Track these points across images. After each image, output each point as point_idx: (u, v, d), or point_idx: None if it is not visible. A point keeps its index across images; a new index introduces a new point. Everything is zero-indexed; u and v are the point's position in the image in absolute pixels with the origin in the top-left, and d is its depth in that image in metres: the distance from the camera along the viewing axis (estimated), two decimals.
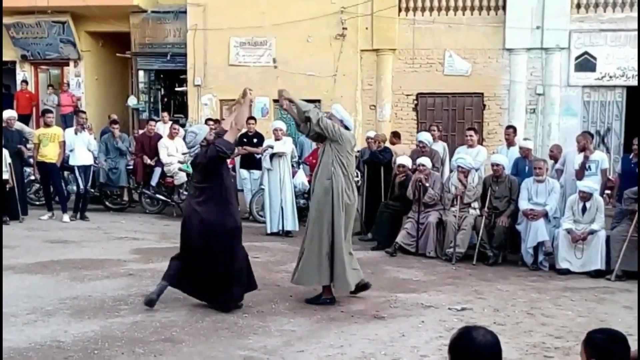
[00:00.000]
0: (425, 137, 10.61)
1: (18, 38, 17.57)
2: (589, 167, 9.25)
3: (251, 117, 11.99)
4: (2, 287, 5.69)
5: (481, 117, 15.15)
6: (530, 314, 6.47)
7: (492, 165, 9.39)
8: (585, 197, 8.56)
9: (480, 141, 12.81)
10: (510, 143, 10.48)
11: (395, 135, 12.15)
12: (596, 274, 8.30)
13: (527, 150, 9.89)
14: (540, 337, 5.71)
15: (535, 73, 14.79)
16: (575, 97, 14.71)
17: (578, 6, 14.60)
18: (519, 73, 14.81)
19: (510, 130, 10.71)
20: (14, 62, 18.34)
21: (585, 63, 14.52)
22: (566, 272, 8.42)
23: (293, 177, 11.06)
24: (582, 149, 9.34)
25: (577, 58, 14.52)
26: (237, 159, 11.87)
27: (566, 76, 14.62)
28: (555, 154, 10.32)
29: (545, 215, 8.80)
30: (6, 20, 17.06)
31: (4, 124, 11.34)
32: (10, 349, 4.98)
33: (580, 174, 9.20)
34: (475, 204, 9.33)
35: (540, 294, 7.34)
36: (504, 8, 14.87)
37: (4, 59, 18.00)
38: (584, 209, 8.59)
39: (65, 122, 16.15)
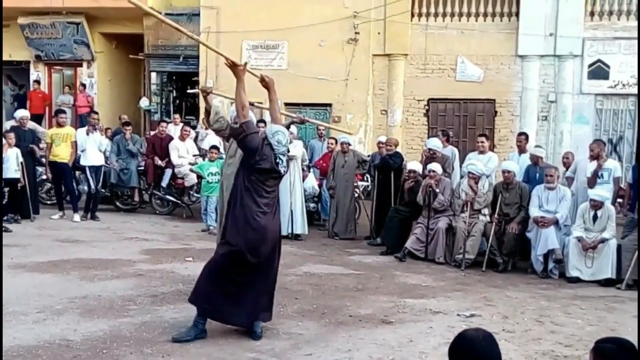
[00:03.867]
0: (434, 143, 10.59)
1: (32, 38, 17.72)
2: (602, 175, 9.20)
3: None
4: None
5: (493, 123, 15.12)
6: (539, 321, 6.43)
7: (503, 171, 9.35)
8: (597, 205, 8.50)
9: (492, 148, 12.79)
10: (522, 150, 10.44)
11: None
12: (606, 283, 8.23)
13: (537, 157, 9.84)
14: (550, 345, 5.68)
15: (548, 80, 14.75)
16: (588, 104, 14.65)
17: (592, 14, 14.55)
18: (532, 80, 14.78)
19: (522, 137, 10.67)
20: (28, 62, 18.51)
21: (598, 71, 14.46)
22: (576, 280, 8.37)
23: (303, 180, 11.06)
24: (596, 156, 9.28)
25: (590, 66, 14.46)
26: None
27: (579, 84, 14.57)
28: (569, 160, 10.28)
29: (556, 222, 8.74)
30: (21, 20, 17.24)
31: (17, 123, 11.47)
32: (20, 347, 5.01)
33: (592, 182, 9.15)
34: (486, 211, 9.29)
35: (549, 301, 7.29)
36: (517, 15, 14.85)
37: (19, 58, 18.23)
38: (595, 217, 8.53)
39: (81, 122, 16.29)
